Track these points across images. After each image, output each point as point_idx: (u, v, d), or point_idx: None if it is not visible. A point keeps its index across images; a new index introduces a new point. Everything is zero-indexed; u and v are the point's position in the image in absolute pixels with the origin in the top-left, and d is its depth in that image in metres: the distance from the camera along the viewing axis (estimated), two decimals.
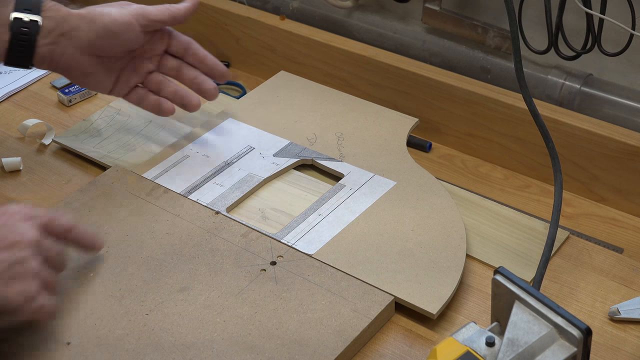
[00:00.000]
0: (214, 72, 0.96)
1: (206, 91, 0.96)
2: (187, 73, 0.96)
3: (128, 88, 0.95)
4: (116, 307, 0.77)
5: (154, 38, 0.94)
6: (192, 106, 0.96)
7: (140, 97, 0.95)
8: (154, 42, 0.94)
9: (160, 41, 0.94)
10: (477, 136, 1.02)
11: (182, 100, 0.95)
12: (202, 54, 0.96)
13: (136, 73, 0.94)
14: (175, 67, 0.96)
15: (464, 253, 0.82)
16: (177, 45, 0.95)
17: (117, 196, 0.90)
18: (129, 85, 0.95)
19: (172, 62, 0.96)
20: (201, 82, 0.96)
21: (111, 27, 0.88)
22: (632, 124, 0.95)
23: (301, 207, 0.89)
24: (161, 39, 0.94)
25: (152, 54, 0.94)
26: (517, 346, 0.62)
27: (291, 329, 0.75)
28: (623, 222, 0.94)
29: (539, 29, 0.99)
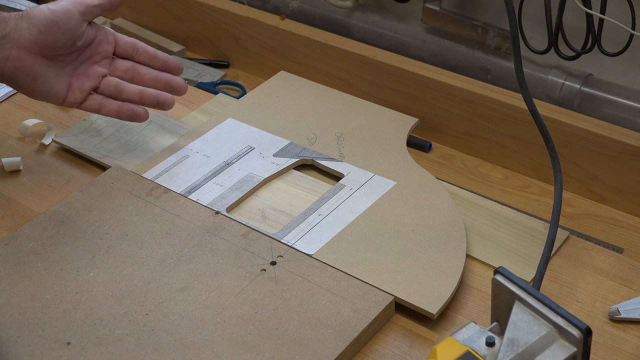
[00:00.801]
0: (168, 66, 0.94)
1: (177, 87, 0.94)
2: (145, 73, 0.94)
3: (82, 94, 0.91)
4: (116, 307, 0.77)
5: (98, 39, 0.92)
6: (168, 104, 0.93)
7: (98, 103, 0.92)
8: (100, 45, 0.92)
9: (106, 43, 0.92)
10: (477, 136, 1.02)
11: (156, 99, 0.93)
12: (152, 51, 0.94)
13: (88, 77, 0.92)
14: (130, 68, 0.94)
15: (464, 253, 0.82)
16: (124, 46, 0.93)
17: (117, 196, 0.90)
18: (83, 91, 0.91)
19: (125, 63, 0.94)
20: (168, 79, 0.94)
21: (51, 17, 0.86)
22: (632, 124, 0.95)
23: (301, 207, 0.89)
24: (106, 40, 0.92)
25: (101, 57, 0.92)
26: (517, 346, 0.62)
27: (291, 329, 0.75)
28: (623, 222, 0.94)
29: (539, 29, 0.99)
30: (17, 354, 0.73)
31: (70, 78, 0.91)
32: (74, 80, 0.91)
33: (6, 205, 0.92)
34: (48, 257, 0.83)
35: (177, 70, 0.95)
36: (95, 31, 0.91)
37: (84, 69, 0.92)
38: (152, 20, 1.29)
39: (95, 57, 0.92)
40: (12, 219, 0.90)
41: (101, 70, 0.92)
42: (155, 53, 0.94)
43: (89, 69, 0.92)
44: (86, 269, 0.81)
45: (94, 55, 0.92)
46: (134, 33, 1.28)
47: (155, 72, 0.94)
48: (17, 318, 0.76)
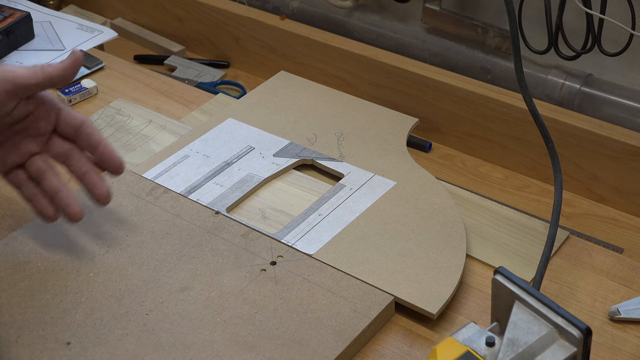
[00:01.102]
0: (107, 163, 0.82)
1: (98, 196, 0.82)
2: (77, 165, 0.82)
3: (5, 167, 0.82)
4: (116, 307, 0.77)
5: (36, 115, 0.80)
6: (73, 216, 0.81)
7: (19, 181, 0.82)
8: (37, 121, 0.81)
9: (46, 118, 0.81)
10: (477, 136, 1.02)
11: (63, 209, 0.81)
12: (96, 139, 0.81)
13: (17, 151, 0.81)
14: (64, 153, 0.82)
15: (464, 253, 0.82)
16: (67, 125, 0.81)
17: (117, 196, 0.90)
18: (6, 163, 0.81)
19: (61, 146, 0.82)
20: (93, 184, 0.82)
21: None
22: (632, 124, 0.95)
23: (301, 207, 0.89)
24: (47, 115, 0.81)
25: (37, 132, 0.81)
26: (517, 346, 0.62)
27: (291, 329, 0.75)
28: (623, 222, 0.94)
29: (539, 29, 0.99)
30: (17, 354, 0.73)
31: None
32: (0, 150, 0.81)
33: (6, 205, 0.91)
34: (48, 257, 0.83)
35: (116, 171, 0.82)
36: (34, 105, 0.80)
37: (15, 141, 0.81)
38: (152, 20, 1.29)
39: (30, 131, 0.81)
40: (12, 219, 0.90)
41: (32, 147, 0.82)
42: (99, 143, 0.82)
43: (20, 142, 0.81)
44: (86, 269, 0.81)
45: (29, 128, 0.81)
46: (134, 33, 1.28)
47: (88, 168, 0.82)
48: (17, 318, 0.76)
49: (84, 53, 0.80)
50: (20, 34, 1.15)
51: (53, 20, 1.21)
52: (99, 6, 1.34)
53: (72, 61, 0.80)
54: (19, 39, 1.15)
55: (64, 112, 0.82)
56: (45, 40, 1.17)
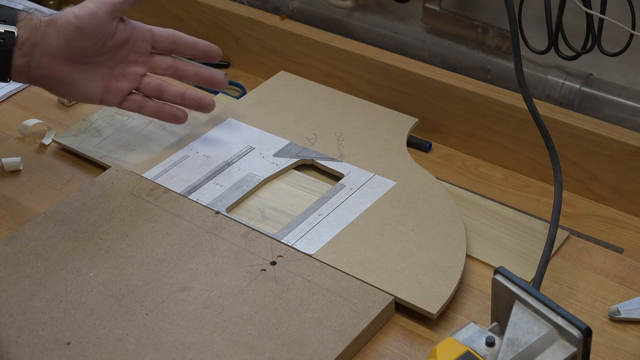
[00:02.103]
0: (209, 54, 0.94)
1: (219, 82, 0.94)
2: (186, 69, 0.93)
3: (121, 95, 0.91)
4: (116, 307, 0.77)
5: (133, 38, 0.90)
6: (210, 107, 0.95)
7: (138, 104, 0.92)
8: (136, 43, 0.90)
9: (142, 41, 0.91)
10: (477, 136, 1.02)
11: (198, 103, 0.94)
12: (191, 42, 0.93)
13: (126, 78, 0.91)
14: (170, 65, 0.93)
15: (464, 253, 0.82)
16: (163, 41, 0.92)
17: (117, 196, 0.90)
18: (121, 92, 0.91)
19: (164, 60, 0.93)
20: (210, 75, 0.94)
21: (76, 24, 0.85)
22: (632, 124, 0.95)
23: (301, 207, 0.89)
24: (142, 38, 0.91)
25: (138, 56, 0.91)
26: (517, 346, 0.62)
27: (291, 329, 0.75)
28: (623, 222, 0.94)
29: (539, 29, 0.99)
30: (17, 354, 0.73)
31: (106, 80, 0.90)
32: (111, 82, 0.90)
33: (6, 205, 0.92)
34: (48, 257, 0.83)
35: (217, 55, 0.94)
36: (130, 30, 0.90)
37: (121, 70, 0.91)
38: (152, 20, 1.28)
39: (132, 56, 0.91)
40: (12, 219, 0.90)
41: (139, 70, 0.91)
42: (195, 43, 0.93)
43: (126, 69, 0.91)
44: (86, 269, 0.81)
45: (130, 54, 0.90)
46: None
47: (196, 67, 0.94)
48: (17, 318, 0.76)
49: None
50: None
51: None
52: None
53: None
54: None
55: (156, 30, 0.92)
56: None
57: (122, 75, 0.91)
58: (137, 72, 0.91)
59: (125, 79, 0.91)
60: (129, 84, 0.91)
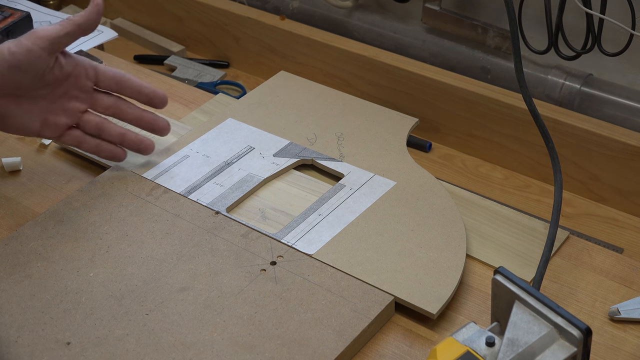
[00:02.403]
0: (154, 100, 0.90)
1: (160, 129, 0.92)
2: (128, 112, 0.91)
3: (59, 130, 0.89)
4: (116, 307, 0.77)
5: (75, 73, 0.87)
6: (149, 150, 0.92)
7: (77, 139, 0.90)
8: (78, 79, 0.87)
9: (85, 75, 0.88)
10: (477, 136, 1.02)
11: (138, 146, 0.91)
12: (137, 85, 0.90)
13: (65, 113, 0.88)
14: (112, 104, 0.90)
15: (464, 253, 0.82)
16: (106, 80, 0.89)
17: (117, 196, 0.90)
18: (60, 127, 0.88)
19: (107, 100, 0.90)
20: (152, 120, 0.91)
21: (11, 61, 0.82)
22: (632, 124, 0.95)
23: (301, 207, 0.89)
24: (85, 75, 0.88)
25: (79, 91, 0.88)
26: (517, 346, 0.62)
27: (291, 329, 0.75)
28: (623, 222, 0.94)
29: (539, 29, 0.99)
30: (17, 354, 0.73)
31: (45, 114, 0.87)
32: (49, 116, 0.88)
33: (6, 205, 0.92)
34: (48, 257, 0.83)
35: (162, 103, 0.91)
36: (73, 65, 0.87)
37: (61, 105, 0.88)
38: (152, 20, 1.29)
39: (73, 91, 0.88)
40: (12, 219, 0.90)
41: (80, 106, 0.89)
42: (140, 87, 0.90)
43: (66, 104, 0.88)
44: (86, 269, 0.81)
45: (71, 89, 0.88)
46: (134, 33, 1.28)
47: (139, 110, 0.91)
48: (17, 318, 0.76)
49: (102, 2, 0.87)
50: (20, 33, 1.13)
51: (53, 20, 1.20)
52: None
53: (94, 6, 0.85)
54: None
55: (101, 68, 0.89)
56: None
57: (61, 110, 0.88)
58: (77, 107, 0.89)
59: (65, 114, 0.88)
60: (68, 119, 0.89)
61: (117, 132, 0.91)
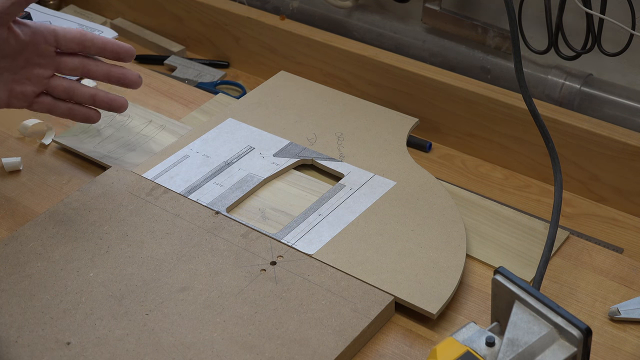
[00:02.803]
0: (120, 54, 0.88)
1: (131, 82, 0.89)
2: (96, 70, 0.88)
3: (27, 99, 0.88)
4: (116, 307, 0.77)
5: (34, 41, 0.85)
6: (122, 107, 0.90)
7: (48, 106, 0.89)
8: (37, 46, 0.85)
9: (44, 42, 0.86)
10: (477, 136, 1.02)
11: (110, 104, 0.89)
12: (100, 42, 0.87)
13: (30, 82, 0.87)
14: (78, 65, 0.88)
15: (464, 253, 0.82)
16: (68, 42, 0.86)
17: (117, 196, 0.90)
18: (27, 95, 0.87)
19: (72, 61, 0.88)
20: (121, 75, 0.89)
21: None
22: (632, 124, 0.95)
23: (301, 207, 0.89)
24: (44, 39, 0.85)
25: (41, 58, 0.86)
26: (517, 346, 0.62)
27: (291, 329, 0.75)
28: (623, 222, 0.94)
29: (539, 29, 0.99)
30: (17, 354, 0.73)
31: (9, 84, 0.86)
32: (15, 86, 0.86)
33: (6, 205, 0.92)
34: (48, 257, 0.83)
35: (129, 56, 0.88)
36: (30, 33, 0.85)
37: (25, 73, 0.86)
38: (152, 20, 1.29)
39: (34, 59, 0.86)
40: (12, 219, 0.90)
41: (44, 72, 0.87)
42: (104, 43, 0.87)
43: (30, 72, 0.86)
44: (86, 269, 0.81)
45: (33, 57, 0.86)
46: (134, 33, 1.28)
47: (107, 66, 0.89)
48: (17, 318, 0.76)
49: None
50: None
51: (53, 20, 1.20)
52: (99, 6, 1.34)
53: None
54: None
55: (60, 31, 0.86)
56: None
57: (26, 79, 0.87)
58: (42, 74, 0.87)
59: (30, 82, 0.87)
60: (34, 87, 0.87)
61: (88, 93, 0.89)
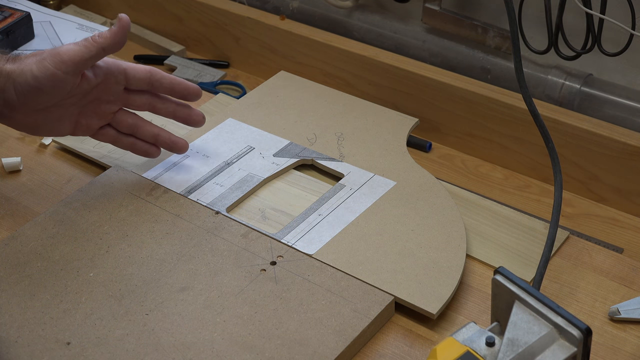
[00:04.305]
0: (187, 94, 0.89)
1: (195, 122, 0.91)
2: (162, 108, 0.90)
3: (91, 130, 0.89)
4: (116, 307, 0.77)
5: (105, 81, 0.86)
6: (183, 149, 0.92)
7: (112, 137, 0.90)
8: (108, 86, 0.87)
9: (115, 80, 0.87)
10: (477, 136, 1.02)
11: (171, 145, 0.91)
12: (168, 81, 0.88)
13: (97, 115, 0.88)
14: (145, 103, 0.90)
15: (464, 253, 0.82)
16: (137, 80, 0.88)
17: (117, 196, 0.90)
18: (92, 128, 0.89)
19: (140, 98, 0.89)
20: (187, 115, 0.91)
21: (34, 85, 0.81)
22: (632, 124, 0.95)
23: (301, 207, 0.89)
24: (115, 79, 0.87)
25: (110, 95, 0.88)
26: (517, 346, 0.62)
27: (291, 329, 0.75)
28: (623, 222, 0.94)
29: (539, 29, 0.99)
30: (17, 354, 0.73)
31: (75, 117, 0.87)
32: (81, 119, 0.88)
33: (6, 205, 0.92)
34: (48, 257, 0.83)
35: (195, 96, 0.90)
36: (102, 75, 0.86)
37: (93, 108, 0.88)
38: (152, 20, 1.29)
39: (103, 97, 0.87)
40: (12, 219, 0.90)
41: (111, 107, 0.89)
42: (172, 84, 0.89)
43: (97, 107, 0.88)
44: (86, 269, 0.81)
45: (102, 95, 0.87)
46: (134, 33, 1.28)
47: (173, 105, 0.90)
48: (17, 318, 0.76)
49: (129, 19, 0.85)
50: (20, 34, 1.15)
51: (53, 20, 1.20)
52: (99, 6, 1.34)
53: (120, 27, 0.84)
54: (18, 39, 1.14)
55: (130, 71, 0.87)
56: (45, 40, 1.17)
57: (93, 113, 0.88)
58: (109, 109, 0.89)
59: (97, 116, 0.88)
60: (100, 121, 0.89)
61: (151, 132, 0.91)
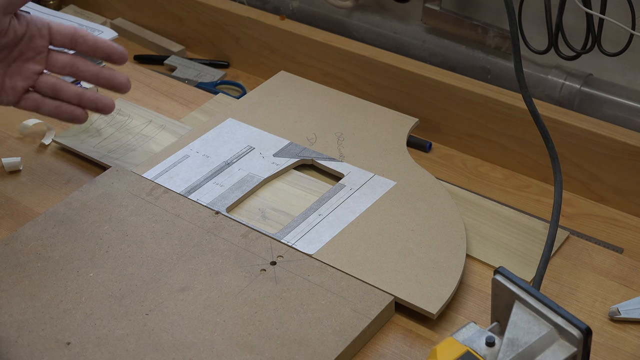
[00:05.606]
0: (112, 56, 0.86)
1: (119, 85, 0.88)
2: (85, 70, 0.87)
3: (16, 94, 0.86)
4: (116, 307, 0.77)
5: (29, 34, 0.84)
6: (108, 109, 0.88)
7: (35, 103, 0.87)
8: (32, 40, 0.84)
9: (39, 34, 0.85)
10: (477, 136, 1.02)
11: (95, 104, 0.88)
12: (92, 41, 0.85)
13: (21, 76, 0.85)
14: (68, 63, 0.87)
15: (464, 253, 0.82)
16: (61, 38, 0.85)
17: (117, 196, 0.90)
18: (17, 90, 0.86)
19: (62, 58, 0.86)
20: (110, 77, 0.87)
21: None
22: (632, 124, 0.95)
23: (301, 207, 0.89)
24: (39, 34, 0.85)
25: (35, 53, 0.85)
26: (517, 346, 0.62)
27: (291, 329, 0.75)
28: (623, 222, 0.94)
29: (539, 29, 0.99)
30: (17, 354, 0.73)
31: (1, 78, 0.85)
32: (6, 80, 0.85)
33: (6, 205, 0.92)
34: (48, 257, 0.83)
35: (121, 59, 0.87)
36: (25, 26, 0.84)
37: (17, 67, 0.85)
38: (152, 20, 1.29)
39: (28, 53, 0.85)
40: (12, 219, 0.90)
41: (36, 67, 0.86)
42: (96, 42, 0.86)
43: (21, 66, 0.85)
44: (86, 269, 0.81)
45: (26, 51, 0.85)
46: (134, 33, 1.28)
47: (97, 68, 0.87)
48: (17, 318, 0.76)
49: None
50: None
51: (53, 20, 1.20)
52: (99, 6, 1.34)
53: None
54: None
55: (54, 26, 0.86)
56: None
57: (17, 73, 0.85)
58: (33, 69, 0.86)
59: (21, 76, 0.86)
60: (25, 82, 0.86)
61: (75, 91, 0.87)
